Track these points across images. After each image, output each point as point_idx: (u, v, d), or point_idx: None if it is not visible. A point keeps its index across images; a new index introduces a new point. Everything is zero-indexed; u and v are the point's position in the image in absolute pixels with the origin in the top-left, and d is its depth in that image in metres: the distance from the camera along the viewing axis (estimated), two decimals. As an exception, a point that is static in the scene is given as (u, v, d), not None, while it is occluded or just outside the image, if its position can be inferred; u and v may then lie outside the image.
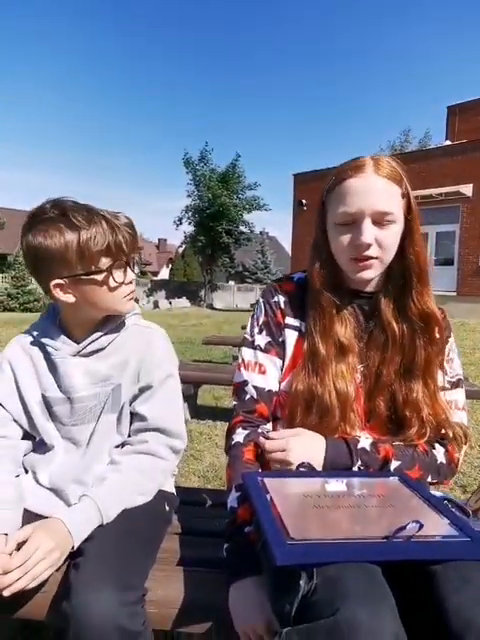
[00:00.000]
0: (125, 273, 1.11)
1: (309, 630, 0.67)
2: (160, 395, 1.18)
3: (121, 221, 1.08)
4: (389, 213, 1.00)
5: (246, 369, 1.15)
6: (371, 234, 1.00)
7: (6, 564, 0.88)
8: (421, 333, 1.07)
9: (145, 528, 1.09)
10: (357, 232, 1.01)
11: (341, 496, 0.92)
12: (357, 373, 1.10)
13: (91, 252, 1.02)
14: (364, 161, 1.02)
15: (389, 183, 1.00)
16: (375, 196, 0.99)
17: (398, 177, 1.02)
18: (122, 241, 1.06)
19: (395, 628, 0.66)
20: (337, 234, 1.05)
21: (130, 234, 1.09)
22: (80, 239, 1.01)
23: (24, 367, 1.17)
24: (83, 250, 1.02)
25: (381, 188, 1.00)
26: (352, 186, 1.00)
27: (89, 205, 1.08)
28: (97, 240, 1.02)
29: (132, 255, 1.11)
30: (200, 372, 3.88)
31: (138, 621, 0.89)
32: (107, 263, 1.06)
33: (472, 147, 14.97)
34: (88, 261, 1.04)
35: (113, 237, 1.04)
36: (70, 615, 0.85)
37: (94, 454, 1.15)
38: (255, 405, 1.12)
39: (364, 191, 0.99)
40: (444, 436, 1.09)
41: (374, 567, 0.74)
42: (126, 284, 1.12)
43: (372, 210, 0.99)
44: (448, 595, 0.72)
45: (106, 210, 1.09)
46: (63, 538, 0.95)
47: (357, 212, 1.00)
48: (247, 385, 1.13)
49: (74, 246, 1.01)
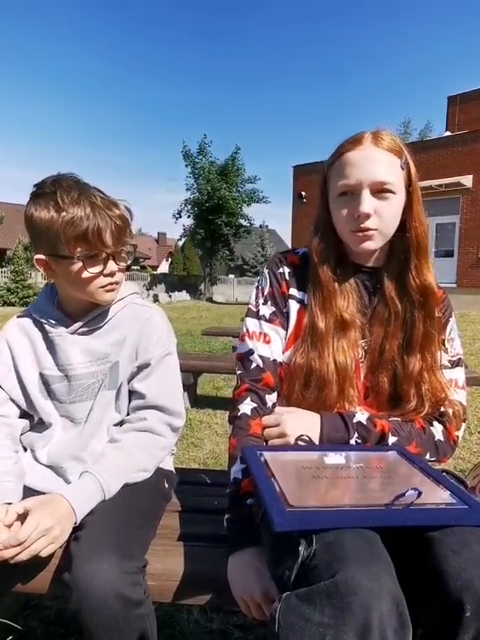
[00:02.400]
0: (105, 264, 1.07)
1: (308, 593, 0.68)
2: (158, 373, 1.18)
3: (113, 211, 1.05)
4: (387, 183, 1.00)
5: (251, 339, 1.14)
6: (370, 204, 1.00)
7: (6, 541, 0.88)
8: (419, 307, 1.07)
9: (145, 503, 1.10)
10: (356, 203, 1.01)
11: (340, 468, 0.93)
12: (359, 348, 1.10)
13: (67, 236, 1.01)
14: (363, 134, 1.03)
15: (387, 154, 1.00)
16: (373, 166, 0.99)
17: (397, 148, 1.02)
18: (103, 230, 1.02)
19: (393, 589, 0.67)
20: (338, 206, 1.05)
21: (118, 226, 1.05)
22: (61, 220, 1.00)
23: (22, 346, 1.17)
24: (62, 232, 1.01)
25: (379, 159, 1.00)
26: (351, 158, 1.01)
27: (88, 187, 1.07)
28: (75, 224, 1.00)
29: (118, 247, 1.08)
30: (200, 361, 3.88)
31: (139, 590, 0.90)
32: (82, 252, 1.03)
33: (472, 138, 14.92)
34: (65, 244, 1.02)
35: (94, 225, 1.01)
36: (72, 585, 0.86)
37: (92, 431, 1.16)
38: (261, 374, 1.11)
39: (362, 162, 1.00)
40: (443, 413, 1.09)
41: (373, 533, 0.74)
42: (105, 275, 1.08)
43: (370, 180, 0.99)
44: (446, 558, 0.72)
45: (106, 196, 1.08)
46: (64, 515, 0.96)
47: (356, 183, 1.00)
48: (253, 354, 1.12)
49: (55, 226, 1.01)
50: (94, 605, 0.84)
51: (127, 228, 1.09)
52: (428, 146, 15.84)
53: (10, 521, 0.94)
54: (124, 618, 0.87)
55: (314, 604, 0.66)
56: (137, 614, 0.89)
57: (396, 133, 1.07)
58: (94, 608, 0.85)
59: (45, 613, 1.48)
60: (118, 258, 1.10)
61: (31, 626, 1.42)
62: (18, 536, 0.88)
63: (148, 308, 1.22)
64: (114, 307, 1.17)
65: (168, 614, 1.46)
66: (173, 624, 1.44)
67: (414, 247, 1.06)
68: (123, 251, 1.11)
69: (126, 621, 0.87)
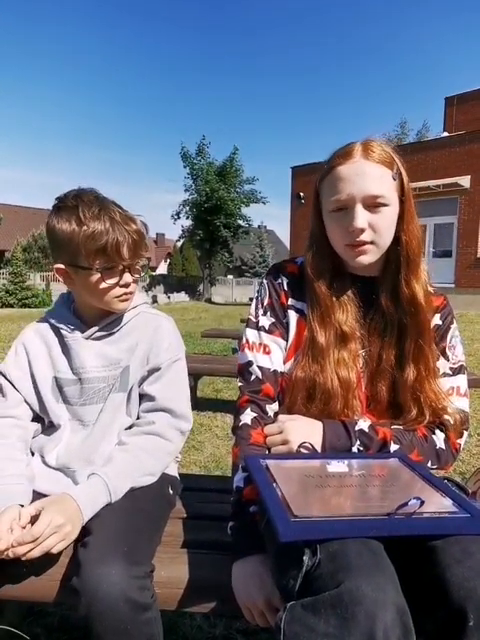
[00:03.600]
0: (121, 276, 1.13)
1: (313, 603, 0.68)
2: (168, 377, 1.22)
3: (130, 226, 1.11)
4: (380, 196, 1.00)
5: (250, 350, 1.15)
6: (364, 219, 1.00)
7: (20, 537, 0.90)
8: (410, 318, 1.08)
9: (151, 508, 1.11)
10: (350, 218, 1.01)
11: (343, 476, 0.94)
12: (359, 358, 1.11)
13: (88, 249, 1.07)
14: (353, 147, 1.02)
15: (378, 166, 1.00)
16: (364, 180, 0.99)
17: (388, 159, 1.02)
18: (121, 244, 1.09)
19: (397, 599, 0.68)
20: (331, 222, 1.05)
21: (135, 240, 1.12)
22: (82, 234, 1.06)
23: (38, 350, 1.22)
24: (82, 245, 1.07)
25: (370, 172, 1.00)
26: (342, 173, 1.01)
27: (108, 202, 1.13)
28: (95, 238, 1.06)
29: (134, 260, 1.14)
30: (200, 364, 3.89)
31: (147, 594, 0.91)
32: (101, 264, 1.09)
33: (470, 138, 14.95)
34: (85, 256, 1.08)
35: (112, 239, 1.07)
36: (81, 590, 0.87)
37: (102, 433, 1.18)
38: (261, 385, 1.12)
39: (353, 176, 1.00)
40: (444, 421, 1.09)
41: (376, 542, 0.75)
42: (121, 286, 1.14)
43: (363, 194, 0.99)
44: (449, 567, 0.73)
45: (124, 211, 1.13)
46: (73, 513, 0.98)
47: (348, 198, 1.00)
48: (252, 365, 1.13)
49: (76, 239, 1.07)
50: (103, 610, 0.85)
51: (143, 242, 1.15)
52: (426, 147, 15.88)
53: (24, 523, 0.96)
54: (132, 622, 0.88)
55: (319, 614, 0.67)
56: (145, 618, 0.90)
57: (387, 139, 1.07)
58: (103, 613, 0.86)
59: (49, 620, 1.49)
60: (133, 270, 1.17)
61: (35, 633, 1.42)
62: (32, 532, 0.91)
63: (159, 317, 1.29)
64: (127, 315, 1.23)
65: (172, 620, 1.46)
66: (176, 630, 1.45)
67: (404, 257, 1.06)
68: (138, 263, 1.17)
69: (134, 625, 0.88)
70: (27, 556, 0.91)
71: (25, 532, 0.92)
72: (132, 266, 1.15)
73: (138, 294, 1.26)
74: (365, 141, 1.03)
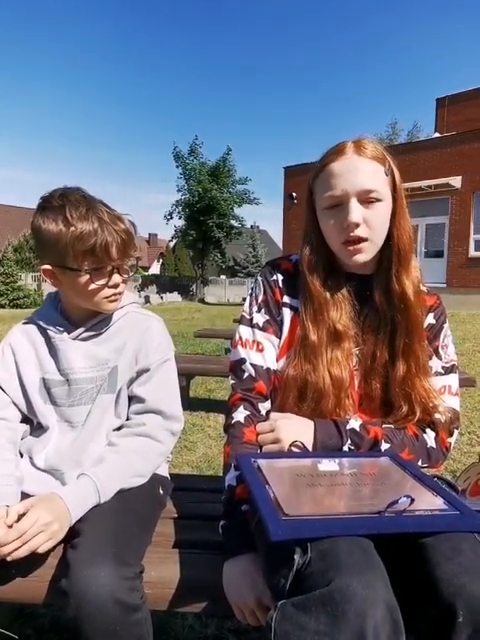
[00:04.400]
0: (110, 276, 1.12)
1: (304, 601, 0.69)
2: (157, 378, 1.20)
3: (119, 226, 1.09)
4: (373, 190, 1.00)
5: (244, 347, 1.14)
6: (358, 213, 1.00)
7: (4, 536, 0.89)
8: (400, 314, 1.08)
9: (140, 509, 1.10)
10: (344, 213, 1.01)
11: (333, 475, 0.94)
12: (352, 357, 1.10)
13: (76, 250, 1.05)
14: (345, 144, 1.03)
15: (371, 162, 1.01)
16: (357, 175, 1.00)
17: (380, 155, 1.03)
18: (110, 245, 1.07)
19: (388, 597, 0.68)
20: (326, 219, 1.05)
21: (124, 240, 1.10)
22: (70, 234, 1.04)
23: (25, 351, 1.21)
24: (70, 246, 1.05)
25: (363, 167, 1.00)
26: (335, 169, 1.01)
27: (95, 201, 1.11)
28: (84, 239, 1.04)
29: (123, 260, 1.13)
30: (192, 364, 3.89)
31: (136, 595, 0.91)
32: (90, 265, 1.08)
33: (461, 139, 15.05)
34: (73, 257, 1.06)
35: (101, 239, 1.05)
36: (70, 591, 0.86)
37: (90, 434, 1.17)
38: (254, 383, 1.12)
39: (347, 172, 1.00)
40: (435, 420, 1.09)
41: (367, 540, 0.75)
42: (109, 287, 1.12)
43: (356, 189, 1.00)
44: (439, 564, 0.73)
45: (111, 210, 1.12)
46: (61, 512, 0.97)
47: (342, 194, 1.01)
48: (245, 363, 1.13)
49: (64, 240, 1.05)
50: (92, 611, 0.85)
51: (131, 242, 1.13)
52: (418, 147, 15.97)
53: (12, 521, 0.94)
54: (122, 624, 0.87)
55: (310, 612, 0.67)
56: (135, 619, 0.90)
57: (378, 139, 1.08)
58: (92, 614, 0.85)
59: (39, 621, 1.48)
60: (122, 270, 1.15)
61: (26, 634, 1.41)
62: (18, 527, 0.90)
63: (148, 317, 1.26)
64: (115, 315, 1.21)
65: (163, 620, 1.46)
66: (168, 630, 1.45)
67: (395, 254, 1.07)
68: (126, 263, 1.15)
69: (124, 626, 0.88)
70: (13, 555, 0.89)
71: (11, 530, 0.90)
72: (121, 266, 1.14)
73: (127, 294, 1.25)
74: (357, 139, 1.04)
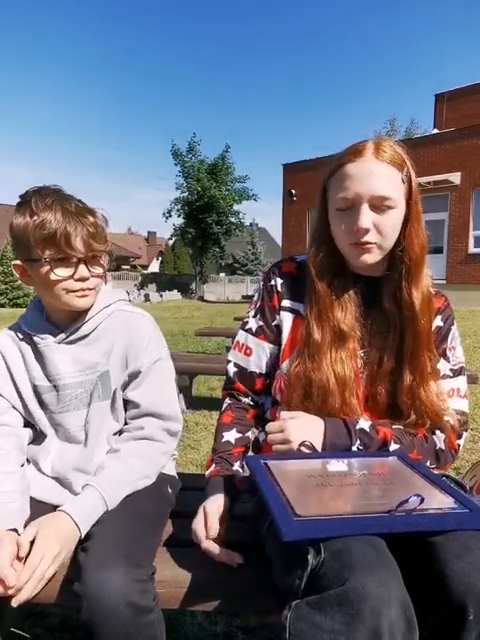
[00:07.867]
0: (75, 269, 1.07)
1: (319, 601, 0.70)
2: (150, 380, 1.18)
3: (87, 218, 1.06)
4: (387, 198, 0.99)
5: (234, 349, 1.24)
6: (369, 219, 0.99)
7: (19, 580, 0.89)
8: (407, 323, 1.07)
9: (149, 509, 1.11)
10: (355, 217, 1.00)
11: (343, 475, 0.95)
12: (358, 358, 1.10)
13: (36, 238, 1.03)
14: (365, 145, 1.01)
15: (389, 167, 0.99)
16: (373, 181, 0.98)
17: (399, 161, 1.01)
18: (71, 235, 1.03)
19: (401, 595, 0.69)
20: (337, 220, 1.05)
21: (90, 232, 1.06)
22: (32, 224, 1.02)
23: (14, 358, 1.18)
24: (31, 234, 1.03)
25: (379, 173, 0.98)
26: (351, 171, 1.00)
27: (66, 195, 1.09)
28: (44, 227, 1.01)
29: (89, 253, 1.08)
30: (195, 363, 3.89)
31: (149, 597, 0.92)
32: (50, 255, 1.04)
33: (460, 135, 15.02)
34: (35, 246, 1.04)
35: (63, 228, 1.02)
36: (82, 595, 0.87)
37: (94, 443, 1.17)
38: (234, 384, 1.23)
39: (362, 176, 0.98)
40: (444, 423, 1.08)
41: (379, 539, 0.76)
42: (76, 280, 1.08)
43: (369, 195, 0.98)
44: (449, 562, 0.74)
45: (83, 204, 1.09)
46: (69, 532, 0.97)
47: (355, 197, 0.99)
48: (229, 364, 1.24)
49: (28, 230, 1.03)
50: (105, 614, 0.85)
51: (100, 235, 1.09)
52: (417, 144, 15.90)
53: (24, 553, 0.94)
54: (135, 626, 0.88)
55: (325, 611, 0.68)
56: (147, 621, 0.90)
57: (398, 142, 1.05)
58: (105, 617, 0.86)
59: (50, 620, 1.49)
60: (91, 264, 1.10)
61: (37, 633, 1.43)
62: (29, 564, 0.91)
63: (135, 314, 1.22)
64: (100, 315, 1.17)
65: (172, 618, 1.47)
66: (177, 628, 1.46)
67: (406, 264, 1.05)
68: (99, 257, 1.12)
69: (137, 629, 0.88)
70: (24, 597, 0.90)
71: (23, 570, 0.90)
72: (90, 259, 1.09)
73: (112, 290, 1.22)
74: (378, 140, 1.02)
